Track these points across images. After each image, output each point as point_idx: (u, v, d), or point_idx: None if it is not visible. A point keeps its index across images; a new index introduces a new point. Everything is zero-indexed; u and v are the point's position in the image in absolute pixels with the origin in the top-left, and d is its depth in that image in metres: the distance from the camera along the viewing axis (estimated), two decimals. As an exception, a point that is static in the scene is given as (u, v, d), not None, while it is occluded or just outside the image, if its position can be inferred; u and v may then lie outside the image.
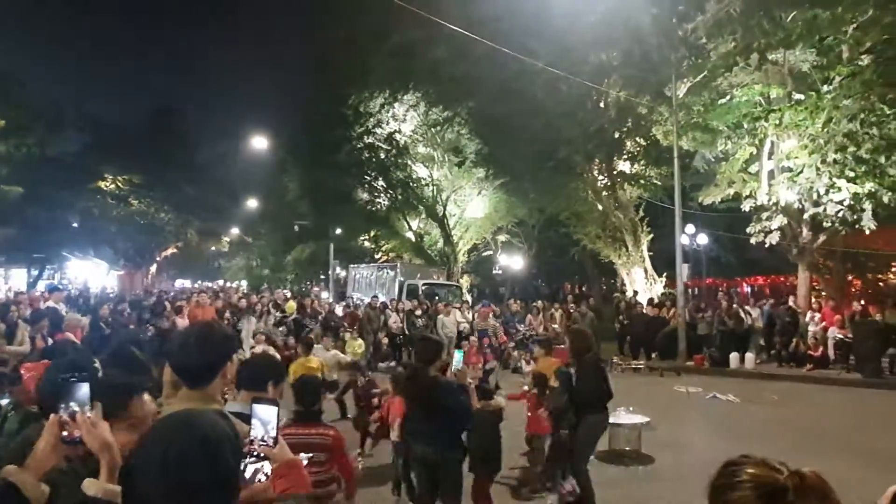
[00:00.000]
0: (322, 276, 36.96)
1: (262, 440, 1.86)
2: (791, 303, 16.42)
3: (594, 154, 19.68)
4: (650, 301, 18.04)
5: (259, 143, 29.06)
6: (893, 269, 24.20)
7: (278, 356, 7.49)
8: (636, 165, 20.93)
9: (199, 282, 54.35)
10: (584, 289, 31.19)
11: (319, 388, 4.15)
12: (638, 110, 18.44)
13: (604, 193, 20.47)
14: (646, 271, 20.19)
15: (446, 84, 20.69)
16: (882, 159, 14.26)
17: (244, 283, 46.35)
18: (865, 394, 12.06)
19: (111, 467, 1.71)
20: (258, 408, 1.89)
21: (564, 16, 16.95)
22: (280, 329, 14.48)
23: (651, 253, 20.52)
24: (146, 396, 2.14)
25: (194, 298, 14.56)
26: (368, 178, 25.54)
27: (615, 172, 20.57)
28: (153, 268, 46.64)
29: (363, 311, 17.23)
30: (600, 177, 20.78)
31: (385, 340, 16.16)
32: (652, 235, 20.54)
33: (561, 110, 18.05)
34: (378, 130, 24.01)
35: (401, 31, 19.89)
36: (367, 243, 34.03)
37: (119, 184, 36.96)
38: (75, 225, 35.35)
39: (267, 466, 2.06)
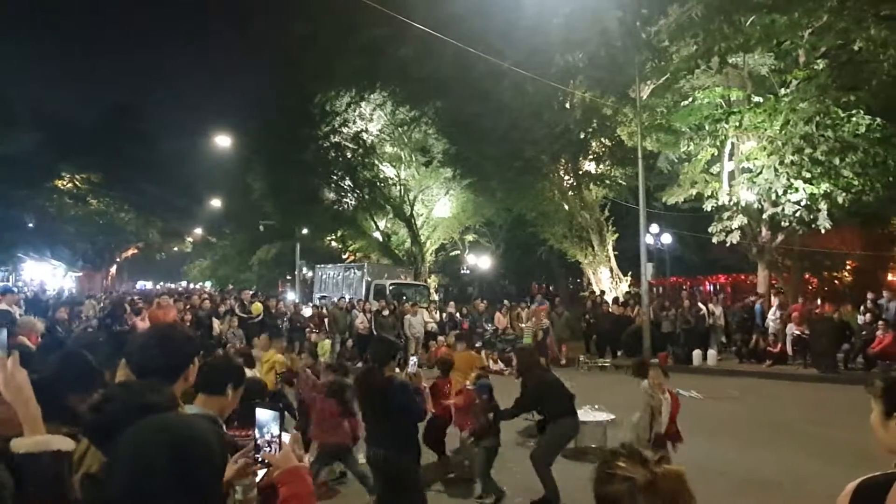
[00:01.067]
0: (288, 277, 36.53)
1: (267, 446, 1.84)
2: (760, 301, 16.81)
3: (560, 154, 19.87)
4: (615, 300, 18.28)
5: (223, 141, 28.56)
6: (848, 268, 25.00)
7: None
8: (601, 166, 21.20)
9: (162, 283, 53.29)
10: (551, 288, 31.47)
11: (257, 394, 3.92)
12: (603, 111, 18.67)
13: (570, 193, 20.68)
14: (611, 270, 20.46)
15: (413, 83, 20.63)
16: (837, 161, 14.71)
17: (208, 284, 45.57)
18: (822, 388, 12.42)
19: (32, 419, 1.66)
20: (259, 413, 1.86)
21: (531, 17, 17.06)
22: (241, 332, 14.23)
23: (616, 252, 20.80)
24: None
25: (160, 300, 14.22)
26: (335, 177, 25.32)
27: (581, 172, 20.79)
28: (113, 269, 45.50)
29: (330, 312, 17.08)
30: (566, 177, 20.98)
31: (351, 342, 16.05)
32: (617, 235, 20.83)
33: (527, 111, 18.18)
34: (344, 129, 23.82)
35: (367, 28, 19.75)
36: (334, 243, 33.75)
37: (77, 182, 35.98)
38: (31, 225, 34.27)
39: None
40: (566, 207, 20.72)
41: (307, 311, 18.54)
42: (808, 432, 8.75)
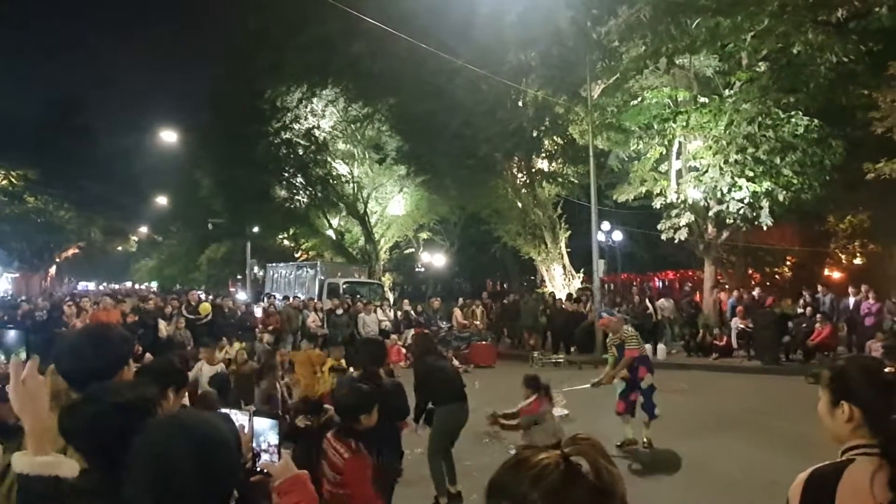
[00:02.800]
0: (239, 277, 35.77)
1: (266, 455, 1.82)
2: (715, 295, 17.31)
3: (513, 152, 20.00)
4: (569, 296, 18.53)
5: (168, 136, 27.73)
6: (788, 263, 26.00)
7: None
8: (554, 164, 21.45)
9: (105, 284, 51.42)
10: (505, 286, 31.71)
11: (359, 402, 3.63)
12: (555, 110, 18.88)
13: (523, 191, 20.85)
14: (564, 267, 20.73)
15: (366, 80, 20.43)
16: (777, 160, 15.27)
17: (154, 284, 44.24)
18: (764, 379, 12.86)
19: (38, 434, 1.52)
20: (257, 422, 1.84)
21: (484, 15, 17.12)
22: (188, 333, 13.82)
23: (569, 249, 21.08)
24: None
25: (103, 302, 13.71)
26: (286, 174, 24.87)
27: (534, 170, 21.00)
28: (52, 270, 43.65)
29: (282, 311, 16.77)
30: (519, 175, 21.15)
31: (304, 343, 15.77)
32: (570, 232, 21.11)
33: (481, 109, 18.22)
34: (296, 126, 23.39)
35: (318, 23, 19.45)
36: (286, 241, 33.20)
37: (13, 179, 34.38)
38: (-39, 224, 32.55)
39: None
40: (519, 205, 20.89)
41: (258, 311, 18.17)
42: (752, 422, 9.04)
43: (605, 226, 23.02)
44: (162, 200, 40.23)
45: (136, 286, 44.82)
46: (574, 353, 16.31)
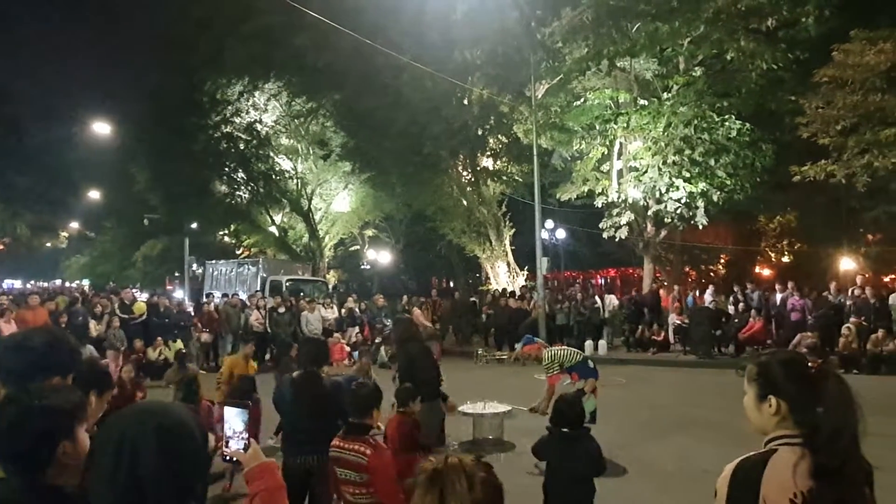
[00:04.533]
0: (177, 274, 34.62)
1: (235, 443, 1.83)
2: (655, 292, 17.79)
3: (458, 150, 20.07)
4: (512, 294, 18.73)
5: (101, 128, 26.57)
6: (722, 261, 27.07)
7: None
8: (498, 162, 21.65)
9: (33, 282, 48.89)
10: (450, 283, 31.82)
11: (370, 400, 3.63)
12: (500, 109, 19.04)
13: (468, 189, 20.96)
14: (508, 265, 20.95)
15: (310, 74, 20.06)
16: (712, 162, 15.87)
17: (86, 282, 42.34)
18: (699, 373, 13.35)
19: None
20: (227, 410, 1.86)
21: (430, 12, 17.09)
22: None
23: (513, 247, 21.33)
24: None
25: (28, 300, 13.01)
26: (227, 169, 24.17)
27: (479, 169, 21.13)
28: (-27, 267, 41.23)
29: (222, 310, 16.31)
30: (465, 173, 21.25)
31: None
32: (514, 230, 21.36)
33: (426, 106, 18.19)
34: (237, 119, 22.78)
35: (261, 14, 19.00)
36: (226, 238, 32.33)
37: (-72, 171, 32.28)
38: None
39: None
40: (465, 203, 20.99)
41: (196, 310, 17.62)
42: (685, 414, 9.37)
43: (549, 224, 23.40)
44: (95, 195, 38.51)
45: (67, 284, 42.81)
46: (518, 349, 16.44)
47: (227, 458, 1.84)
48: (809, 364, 1.82)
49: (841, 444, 1.61)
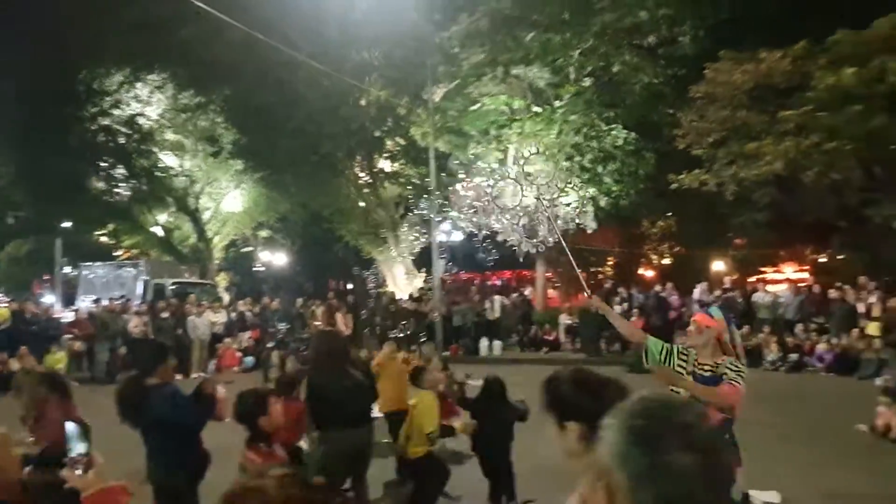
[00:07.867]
0: (46, 277, 31.80)
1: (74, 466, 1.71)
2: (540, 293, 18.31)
3: (356, 151, 19.84)
4: (410, 295, 18.73)
5: (-45, 116, 23.88)
6: (609, 264, 28.44)
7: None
8: (396, 164, 21.57)
9: None
10: (347, 285, 31.37)
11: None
12: (397, 111, 19.00)
13: (365, 190, 20.75)
14: (406, 267, 20.93)
15: (198, 67, 19.05)
16: (600, 169, 16.65)
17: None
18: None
19: None
20: (68, 428, 1.86)
21: (329, 10, 16.76)
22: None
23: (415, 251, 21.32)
24: None
25: None
26: (105, 164, 22.50)
27: (376, 170, 20.97)
28: None
29: (97, 316, 15.12)
30: (362, 174, 21.01)
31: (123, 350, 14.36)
32: (415, 236, 21.36)
33: (323, 105, 17.82)
34: (116, 112, 21.25)
35: (144, 2, 17.83)
36: (104, 238, 30.06)
37: None
38: None
39: None
40: (362, 204, 20.75)
41: (69, 316, 16.27)
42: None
43: (446, 226, 23.60)
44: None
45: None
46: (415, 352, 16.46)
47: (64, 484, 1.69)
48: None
49: None
